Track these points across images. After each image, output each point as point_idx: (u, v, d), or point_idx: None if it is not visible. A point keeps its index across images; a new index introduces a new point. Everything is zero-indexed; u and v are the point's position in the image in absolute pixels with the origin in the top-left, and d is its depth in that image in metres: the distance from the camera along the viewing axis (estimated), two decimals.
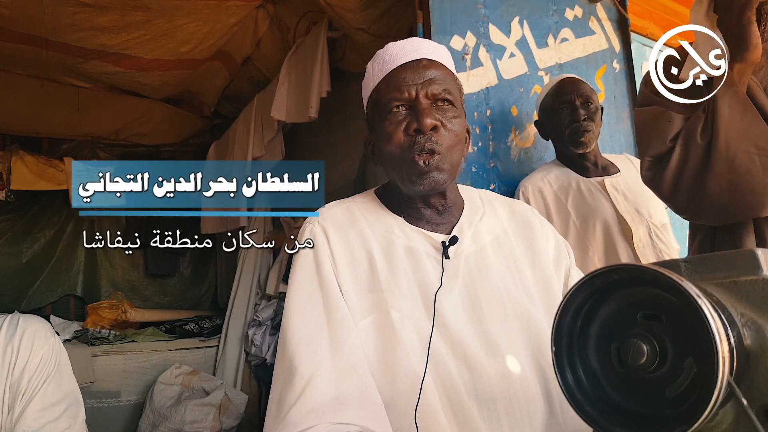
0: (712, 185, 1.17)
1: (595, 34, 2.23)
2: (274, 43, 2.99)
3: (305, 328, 0.85)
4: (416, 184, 0.91)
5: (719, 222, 1.25)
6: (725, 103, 1.17)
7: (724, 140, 1.16)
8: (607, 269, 0.48)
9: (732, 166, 1.15)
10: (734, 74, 1.16)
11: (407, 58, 0.93)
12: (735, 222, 1.23)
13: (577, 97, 1.76)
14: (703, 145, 1.19)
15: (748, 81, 1.18)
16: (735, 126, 1.16)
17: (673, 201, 1.28)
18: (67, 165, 4.11)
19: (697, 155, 1.20)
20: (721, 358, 0.40)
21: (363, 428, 0.75)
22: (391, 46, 0.96)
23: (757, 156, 1.14)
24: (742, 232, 1.23)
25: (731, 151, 1.15)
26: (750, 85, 1.19)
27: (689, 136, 1.21)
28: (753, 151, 1.14)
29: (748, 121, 1.16)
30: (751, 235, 1.22)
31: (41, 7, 2.63)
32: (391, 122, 0.92)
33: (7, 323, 1.09)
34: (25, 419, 1.04)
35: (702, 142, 1.19)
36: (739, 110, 1.16)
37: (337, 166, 3.03)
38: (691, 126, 1.22)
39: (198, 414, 2.93)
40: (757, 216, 1.19)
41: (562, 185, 1.78)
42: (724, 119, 1.16)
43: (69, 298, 4.23)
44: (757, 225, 1.22)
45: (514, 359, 0.85)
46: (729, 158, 1.15)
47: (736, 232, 1.23)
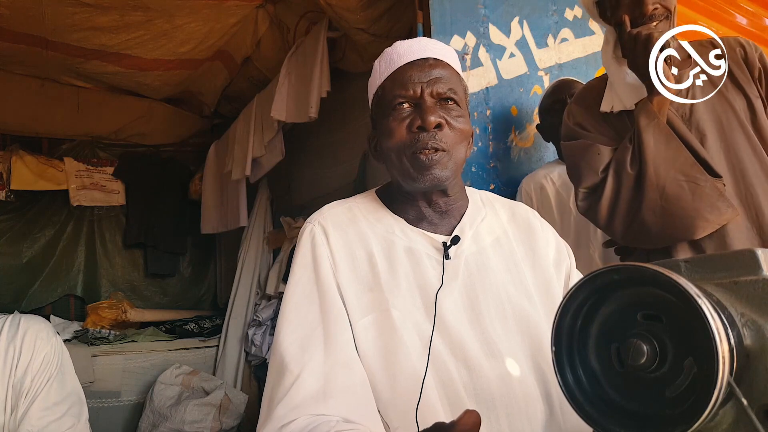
0: (645, 212, 1.22)
1: (594, 34, 2.24)
2: (274, 43, 2.99)
3: (300, 326, 0.85)
4: (418, 181, 0.91)
5: (657, 245, 1.28)
6: (650, 134, 1.22)
7: (653, 169, 1.21)
8: (607, 269, 0.48)
9: (663, 193, 1.20)
10: (654, 106, 1.21)
11: (414, 57, 0.94)
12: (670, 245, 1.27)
13: (569, 95, 1.78)
14: (634, 174, 1.24)
15: (667, 112, 1.23)
16: (661, 155, 1.21)
17: (611, 228, 1.31)
18: (67, 165, 4.11)
19: (629, 184, 1.25)
20: (721, 358, 0.40)
21: (345, 419, 0.76)
22: (399, 45, 0.96)
23: (685, 182, 1.19)
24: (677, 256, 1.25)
25: (660, 179, 1.20)
26: (669, 115, 1.24)
27: (620, 167, 1.26)
28: (680, 177, 1.20)
29: (673, 150, 1.21)
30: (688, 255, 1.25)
31: (41, 7, 2.63)
32: (395, 118, 0.92)
33: (8, 323, 1.09)
34: (29, 419, 1.04)
35: (632, 171, 1.24)
36: (663, 140, 1.21)
37: (337, 166, 3.03)
38: (621, 156, 1.27)
39: (198, 414, 2.93)
40: (690, 239, 1.22)
41: (565, 183, 1.79)
42: (650, 149, 1.21)
43: (69, 298, 4.23)
44: (695, 246, 1.25)
45: (513, 360, 0.85)
46: (659, 186, 1.21)
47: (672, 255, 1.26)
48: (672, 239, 1.24)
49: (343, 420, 0.76)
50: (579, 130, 1.38)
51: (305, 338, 0.83)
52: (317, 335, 0.84)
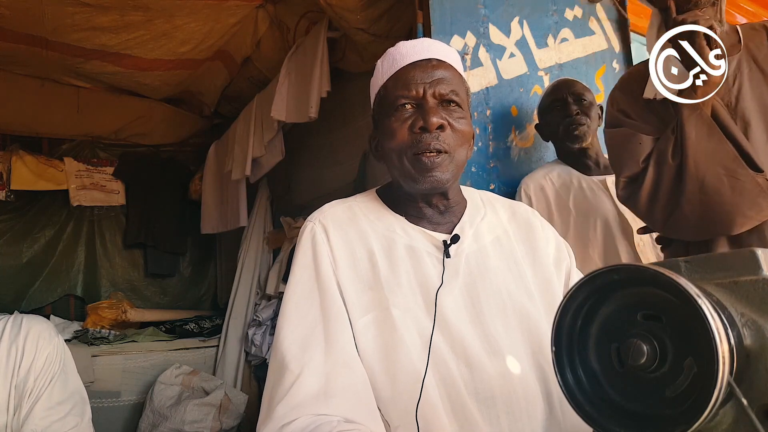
0: (685, 204, 1.21)
1: (594, 35, 2.24)
2: (274, 43, 2.99)
3: (300, 325, 0.85)
4: (419, 182, 0.91)
5: (695, 238, 1.27)
6: (692, 126, 1.20)
7: (693, 162, 1.19)
8: (608, 269, 0.48)
9: (702, 186, 1.19)
10: (698, 96, 1.18)
11: (417, 57, 0.94)
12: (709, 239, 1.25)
13: (569, 94, 1.79)
14: (675, 165, 1.23)
15: (712, 102, 1.20)
16: (702, 148, 1.19)
17: (650, 218, 1.31)
18: (67, 165, 4.11)
19: (670, 175, 1.23)
20: (721, 358, 0.40)
21: (346, 419, 0.76)
22: (402, 45, 0.96)
23: (725, 176, 1.17)
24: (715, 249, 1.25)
25: (700, 172, 1.19)
26: (714, 105, 1.21)
27: (661, 157, 1.25)
28: (721, 171, 1.18)
29: (715, 143, 1.19)
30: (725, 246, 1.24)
31: (41, 7, 2.63)
32: (397, 119, 0.92)
33: (10, 324, 1.10)
34: (33, 418, 1.04)
35: (674, 162, 1.23)
36: (704, 132, 1.19)
37: (337, 166, 3.03)
38: (662, 147, 1.25)
39: (198, 414, 2.93)
40: (729, 234, 1.21)
41: (564, 183, 1.79)
42: (691, 142, 1.20)
43: (69, 298, 4.22)
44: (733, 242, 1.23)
45: (513, 358, 0.85)
46: (699, 179, 1.19)
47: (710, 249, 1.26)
48: (710, 233, 1.23)
49: (344, 420, 0.76)
50: (622, 117, 1.35)
51: (305, 337, 0.83)
52: (317, 334, 0.84)
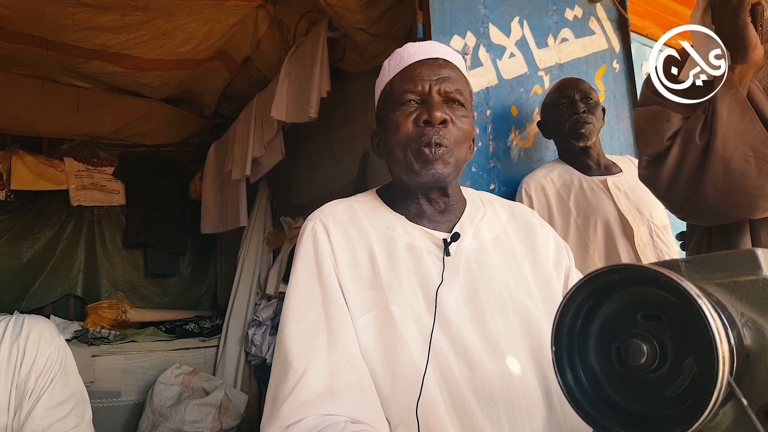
0: (707, 186, 1.18)
1: (595, 34, 2.23)
2: (274, 43, 2.99)
3: (302, 323, 0.85)
4: (420, 175, 0.92)
5: (713, 222, 1.25)
6: (725, 105, 1.17)
7: (721, 141, 1.16)
8: (608, 269, 0.48)
9: (727, 167, 1.16)
10: (735, 75, 1.16)
11: (424, 56, 0.97)
12: (730, 223, 1.23)
13: (577, 92, 1.78)
14: (702, 145, 1.19)
15: (749, 83, 1.19)
16: (733, 127, 1.16)
17: (669, 199, 1.28)
18: (67, 165, 4.11)
19: (695, 155, 1.20)
20: (721, 358, 0.40)
21: (352, 419, 0.76)
22: (410, 45, 1.00)
23: (753, 158, 1.14)
24: (737, 233, 1.23)
25: (728, 152, 1.16)
26: (751, 87, 1.19)
27: (688, 136, 1.21)
28: (749, 153, 1.15)
29: (746, 123, 1.16)
30: (747, 236, 1.23)
31: (41, 7, 2.63)
32: (402, 113, 0.94)
33: (11, 323, 1.09)
34: (33, 418, 1.04)
35: (701, 142, 1.19)
36: (738, 112, 1.16)
37: (337, 166, 3.03)
38: (691, 126, 1.22)
39: (198, 414, 2.93)
40: (751, 218, 1.19)
41: (565, 183, 1.78)
42: (722, 120, 1.16)
43: (69, 298, 4.22)
44: (753, 226, 1.22)
45: (513, 357, 0.86)
46: (725, 159, 1.16)
47: (732, 234, 1.23)
48: (730, 217, 1.21)
49: (350, 420, 0.76)
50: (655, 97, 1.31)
51: (308, 335, 0.84)
52: (320, 331, 0.84)
